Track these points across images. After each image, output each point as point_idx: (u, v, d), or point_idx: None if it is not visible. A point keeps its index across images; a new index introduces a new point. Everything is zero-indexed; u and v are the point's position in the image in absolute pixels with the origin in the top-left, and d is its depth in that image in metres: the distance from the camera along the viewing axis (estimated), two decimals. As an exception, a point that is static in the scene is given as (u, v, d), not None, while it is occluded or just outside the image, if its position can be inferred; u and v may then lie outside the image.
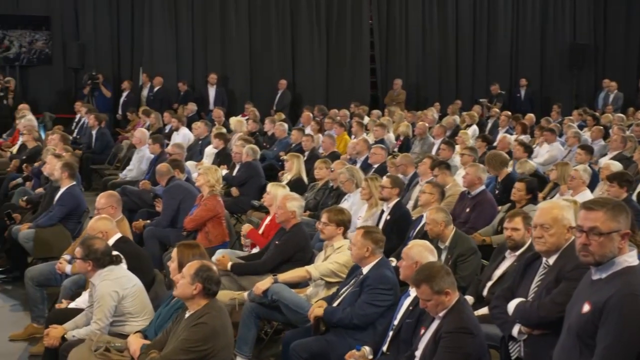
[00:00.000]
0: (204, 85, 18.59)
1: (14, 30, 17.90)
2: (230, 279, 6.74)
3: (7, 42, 17.87)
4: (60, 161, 8.42)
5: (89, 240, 5.51)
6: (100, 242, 5.53)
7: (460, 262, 6.38)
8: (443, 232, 6.50)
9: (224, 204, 9.32)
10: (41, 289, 7.02)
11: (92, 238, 5.59)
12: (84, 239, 5.56)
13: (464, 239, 6.61)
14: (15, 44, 17.94)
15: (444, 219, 6.51)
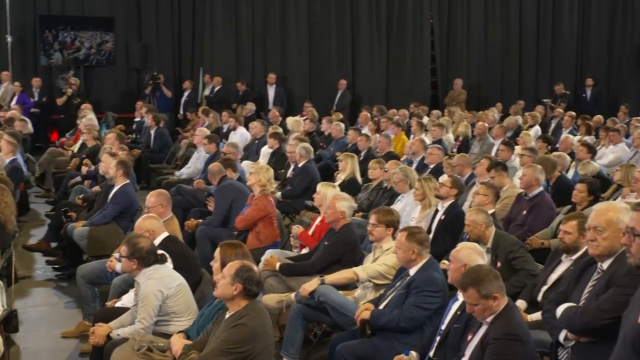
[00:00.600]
0: (264, 85, 18.62)
1: (85, 32, 18.18)
2: (278, 279, 6.67)
3: (77, 44, 18.17)
4: (114, 159, 8.48)
5: (134, 239, 5.49)
6: (145, 240, 5.51)
7: (513, 258, 6.19)
8: (484, 234, 6.35)
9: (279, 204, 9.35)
10: (92, 286, 7.06)
11: (137, 236, 5.57)
12: (129, 238, 5.54)
13: (504, 237, 6.45)
14: (86, 45, 18.24)
15: (485, 220, 6.35)
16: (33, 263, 9.20)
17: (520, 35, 20.92)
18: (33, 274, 8.85)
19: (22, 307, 7.67)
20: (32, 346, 6.80)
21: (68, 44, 18.07)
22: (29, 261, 9.23)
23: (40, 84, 16.95)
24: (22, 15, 17.88)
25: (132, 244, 5.44)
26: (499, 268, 6.15)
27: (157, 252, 5.53)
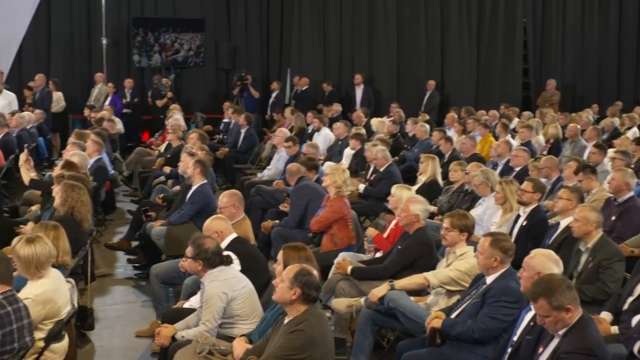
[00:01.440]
0: (351, 86, 18.49)
1: (186, 34, 18.46)
2: (350, 283, 6.52)
3: (177, 46, 18.48)
4: (192, 159, 8.50)
5: (199, 240, 5.44)
6: (210, 241, 5.45)
7: (605, 267, 5.88)
8: (590, 233, 6.04)
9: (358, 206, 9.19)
10: (166, 286, 7.07)
11: (202, 237, 5.52)
12: (195, 238, 5.49)
13: (609, 244, 6.14)
14: (185, 47, 18.53)
15: (596, 220, 6.08)
16: (115, 261, 9.32)
17: (619, 34, 20.10)
18: (114, 272, 8.97)
19: (100, 305, 7.82)
20: (106, 344, 6.86)
21: (168, 45, 18.39)
22: (111, 259, 9.37)
23: (133, 85, 17.29)
24: (117, 18, 18.32)
25: (197, 244, 5.39)
26: (588, 270, 5.87)
27: (223, 253, 5.46)
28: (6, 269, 4.47)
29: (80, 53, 18.44)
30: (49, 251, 5.04)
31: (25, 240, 5.00)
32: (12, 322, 4.41)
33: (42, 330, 4.91)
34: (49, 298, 4.92)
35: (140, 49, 18.23)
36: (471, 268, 5.65)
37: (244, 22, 19.08)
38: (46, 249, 5.01)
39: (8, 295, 4.47)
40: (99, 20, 17.90)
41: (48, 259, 5.03)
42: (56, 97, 16.37)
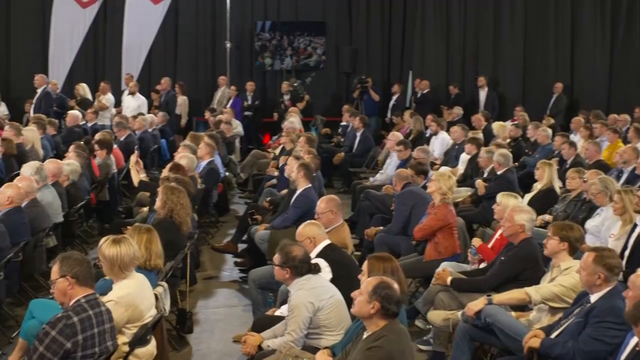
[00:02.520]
0: (474, 88, 17.98)
1: (321, 38, 18.53)
2: (449, 295, 6.21)
3: (310, 50, 18.58)
4: (297, 162, 8.40)
5: (287, 247, 5.30)
6: (298, 249, 5.30)
7: None
8: None
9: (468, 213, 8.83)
10: (264, 291, 6.97)
11: (290, 244, 5.38)
12: (282, 245, 5.36)
13: None
14: (318, 51, 18.60)
15: None
16: (222, 264, 9.35)
17: None
18: (220, 275, 8.99)
19: (202, 308, 7.83)
20: (204, 348, 6.83)
21: (301, 49, 18.50)
22: (219, 262, 9.40)
23: (254, 88, 17.47)
24: (241, 22, 18.58)
25: (285, 252, 5.25)
26: None
27: (311, 261, 5.29)
28: (87, 272, 4.46)
29: (205, 57, 18.87)
30: (133, 253, 5.03)
31: (111, 241, 5.01)
32: (93, 326, 4.39)
33: (127, 334, 4.89)
34: (131, 301, 4.90)
35: (273, 53, 18.38)
36: (576, 284, 5.25)
37: (366, 24, 18.96)
38: (131, 250, 5.01)
39: (90, 298, 4.46)
40: (223, 24, 18.23)
41: (132, 261, 5.02)
42: (181, 100, 16.78)
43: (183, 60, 18.78)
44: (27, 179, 7.55)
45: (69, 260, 4.46)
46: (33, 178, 7.62)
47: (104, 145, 10.42)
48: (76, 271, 4.41)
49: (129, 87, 16.09)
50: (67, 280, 4.41)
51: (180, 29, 18.79)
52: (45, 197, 7.71)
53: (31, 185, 7.48)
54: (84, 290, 4.45)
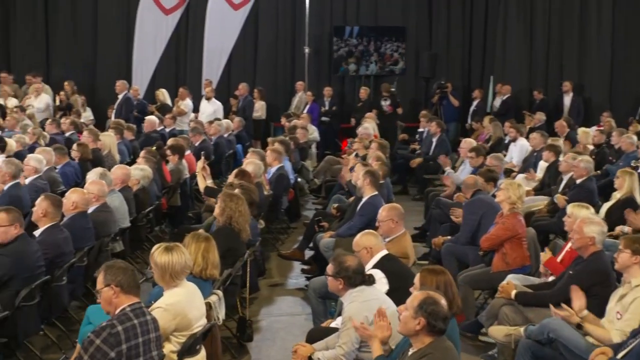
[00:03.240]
0: (558, 94, 17.44)
1: (401, 42, 18.36)
2: (514, 309, 5.97)
3: (396, 56, 18.42)
4: (363, 169, 8.25)
5: (340, 257, 5.18)
6: (352, 259, 5.16)
7: None
8: None
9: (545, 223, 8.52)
10: (324, 301, 6.85)
11: (344, 254, 5.25)
12: (336, 255, 5.24)
13: None
14: (405, 57, 18.43)
15: None
16: (289, 271, 9.28)
17: None
18: (286, 282, 8.92)
19: (265, 316, 7.77)
20: (263, 357, 6.78)
21: (387, 55, 18.35)
22: (286, 269, 9.34)
23: (332, 93, 17.39)
24: (319, 27, 18.54)
25: (339, 262, 5.13)
26: None
27: (366, 272, 5.14)
28: (132, 280, 4.42)
29: (284, 62, 18.90)
30: (185, 261, 4.98)
31: (164, 248, 4.97)
32: (137, 336, 4.34)
33: (175, 343, 4.84)
34: (180, 309, 4.84)
35: (359, 59, 18.26)
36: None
37: (446, 29, 18.67)
38: (182, 259, 4.96)
39: (135, 307, 4.41)
40: (302, 29, 18.23)
41: (183, 269, 4.97)
42: (258, 105, 16.85)
43: (262, 65, 18.87)
44: (99, 183, 7.64)
45: (113, 269, 4.43)
46: (104, 182, 7.70)
47: (176, 150, 10.50)
48: (120, 279, 4.38)
49: (205, 92, 16.22)
50: (112, 289, 4.38)
51: (260, 34, 18.88)
52: (112, 202, 7.78)
53: (102, 190, 7.57)
54: (129, 298, 4.41)
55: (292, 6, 18.75)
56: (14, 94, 16.77)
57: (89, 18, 18.97)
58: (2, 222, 5.87)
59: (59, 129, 13.07)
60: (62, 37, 18.96)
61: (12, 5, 18.96)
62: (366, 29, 18.47)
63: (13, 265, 5.77)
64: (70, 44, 18.90)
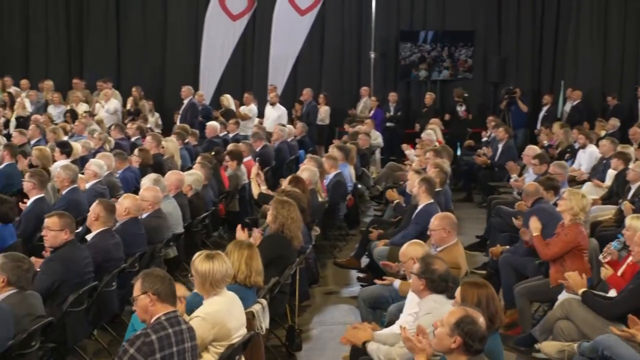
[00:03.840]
0: (633, 99, 16.85)
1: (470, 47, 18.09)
2: (570, 324, 5.73)
3: (470, 62, 18.13)
4: (418, 177, 8.07)
5: (430, 258, 5.14)
6: (441, 264, 5.09)
7: None
8: None
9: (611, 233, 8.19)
10: (374, 311, 6.70)
11: (434, 257, 5.21)
12: (426, 256, 5.20)
13: None
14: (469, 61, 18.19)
15: None
16: (345, 279, 9.16)
17: None
18: (340, 291, 8.79)
19: (317, 325, 7.66)
20: (311, 367, 6.67)
21: (461, 60, 18.08)
22: (342, 277, 9.22)
23: (397, 99, 17.20)
24: (385, 31, 18.37)
25: (426, 262, 5.06)
26: None
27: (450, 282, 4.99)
28: (169, 289, 4.38)
29: (350, 67, 18.79)
30: (226, 270, 4.92)
31: (205, 256, 4.92)
32: (172, 345, 4.29)
33: (214, 353, 4.77)
34: (219, 319, 4.78)
35: (431, 65, 18.02)
36: None
37: (516, 32, 18.25)
38: (223, 267, 4.90)
39: (170, 316, 4.36)
40: (368, 34, 18.09)
41: (224, 278, 4.90)
42: (323, 111, 16.79)
43: (328, 70, 18.81)
44: (153, 189, 7.67)
45: (151, 277, 4.39)
46: (158, 188, 7.73)
47: (235, 156, 10.50)
48: (157, 288, 4.34)
49: (270, 97, 16.24)
50: (149, 297, 4.34)
51: (326, 39, 18.83)
52: (165, 208, 7.80)
53: (157, 196, 7.60)
54: (165, 307, 4.36)
55: (358, 11, 18.64)
56: (85, 99, 17.13)
57: (158, 25, 19.30)
58: (53, 226, 5.93)
59: (124, 134, 13.27)
60: (132, 43, 19.35)
61: (86, 14, 19.43)
62: (440, 34, 18.17)
63: (62, 271, 5.80)
64: (140, 51, 19.27)
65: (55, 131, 12.74)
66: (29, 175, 7.99)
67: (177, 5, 19.24)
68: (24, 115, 15.33)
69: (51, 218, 5.96)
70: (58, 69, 19.22)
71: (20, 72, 18.62)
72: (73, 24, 19.54)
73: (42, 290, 5.68)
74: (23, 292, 5.07)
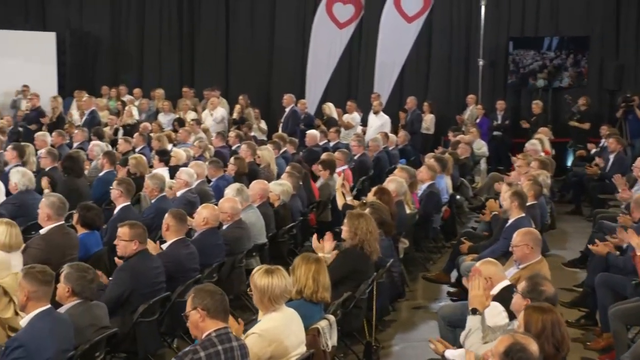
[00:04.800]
0: None
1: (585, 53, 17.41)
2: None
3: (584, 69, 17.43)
4: (510, 190, 7.70)
5: (538, 279, 4.83)
6: (549, 286, 4.79)
7: None
8: None
9: None
10: (453, 329, 6.40)
11: (543, 277, 4.89)
12: (534, 276, 4.89)
13: None
14: None
15: None
16: (435, 293, 8.87)
17: None
18: (429, 306, 8.50)
19: (400, 341, 7.45)
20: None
21: (585, 68, 17.36)
22: (433, 291, 8.94)
23: (504, 107, 16.67)
24: (494, 38, 17.86)
25: (535, 282, 4.77)
26: None
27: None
28: (219, 304, 4.28)
29: (457, 75, 18.36)
30: (285, 285, 4.79)
31: (264, 270, 4.81)
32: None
33: (272, 371, 4.64)
34: (276, 336, 4.64)
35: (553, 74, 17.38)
36: None
37: (634, 37, 17.32)
38: (283, 283, 4.77)
39: (221, 333, 4.27)
40: (477, 41, 17.62)
41: (283, 293, 4.78)
42: (428, 119, 16.49)
43: (434, 78, 18.45)
44: (232, 200, 7.64)
45: (201, 292, 4.31)
46: (237, 199, 7.69)
47: (327, 166, 10.38)
48: (207, 303, 4.25)
49: (373, 106, 16.06)
50: (198, 313, 4.26)
51: (433, 46, 18.48)
52: (248, 218, 7.75)
53: (235, 207, 7.56)
54: (215, 323, 4.27)
55: (467, 17, 18.18)
56: (194, 107, 17.48)
57: (265, 33, 19.48)
58: (123, 236, 5.97)
59: (225, 142, 13.40)
60: (240, 52, 19.60)
61: (198, 25, 19.87)
62: (566, 41, 17.42)
63: (131, 281, 5.82)
64: (248, 59, 19.48)
65: (159, 139, 12.98)
66: (116, 183, 8.11)
67: (285, 14, 19.35)
68: (131, 123, 15.75)
69: (122, 228, 5.99)
70: (170, 77, 19.73)
71: (135, 81, 19.24)
72: (185, 34, 20.02)
73: (112, 299, 5.72)
74: (87, 303, 5.08)
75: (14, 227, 6.01)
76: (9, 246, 5.92)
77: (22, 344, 4.46)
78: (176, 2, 20.00)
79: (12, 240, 5.95)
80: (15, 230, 6.00)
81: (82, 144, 12.96)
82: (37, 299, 4.66)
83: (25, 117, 16.07)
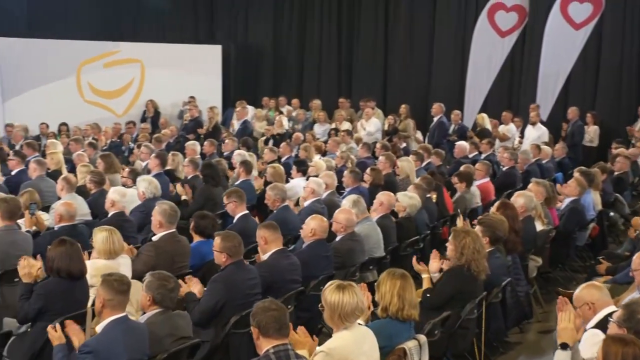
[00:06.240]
0: None
1: None
2: None
3: None
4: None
5: (637, 306, 4.40)
6: None
7: None
8: None
9: None
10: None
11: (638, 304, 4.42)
12: (631, 303, 4.46)
13: None
14: None
15: None
16: (572, 316, 8.18)
17: None
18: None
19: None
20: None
21: None
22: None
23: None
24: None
25: (631, 310, 4.36)
26: None
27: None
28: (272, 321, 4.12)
29: (628, 86, 17.06)
30: (357, 302, 4.53)
31: (335, 286, 4.59)
32: (279, 380, 4.00)
33: (339, 393, 4.39)
34: (344, 355, 4.40)
35: None
36: None
37: None
38: (354, 300, 4.52)
39: (279, 349, 4.09)
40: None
41: (354, 311, 4.52)
42: (591, 130, 15.52)
43: (603, 89, 17.24)
44: (347, 211, 7.44)
45: (257, 309, 4.21)
46: (353, 211, 7.48)
47: (464, 178, 9.94)
48: (259, 320, 4.13)
49: (530, 116, 15.31)
50: (254, 330, 4.11)
51: (603, 55, 17.32)
52: (362, 230, 7.51)
53: (350, 219, 7.35)
54: (269, 341, 4.10)
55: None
56: (350, 118, 17.44)
57: (425, 43, 19.10)
58: (215, 246, 5.95)
59: (371, 152, 13.22)
60: (399, 62, 19.34)
61: (356, 36, 19.85)
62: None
63: (224, 292, 5.74)
64: (406, 70, 19.20)
65: (306, 149, 13.04)
66: (225, 197, 8.16)
67: (445, 23, 18.88)
68: (281, 133, 15.93)
69: (216, 238, 5.95)
70: (328, 88, 19.83)
71: (295, 92, 19.51)
72: (344, 46, 20.06)
73: (206, 310, 5.70)
74: (168, 312, 5.05)
75: (115, 233, 6.12)
76: (111, 252, 6.04)
77: (93, 349, 4.48)
78: (336, 15, 20.10)
79: (113, 246, 6.06)
80: (117, 236, 6.12)
81: (231, 153, 13.22)
82: (112, 307, 4.68)
83: (184, 127, 16.68)
